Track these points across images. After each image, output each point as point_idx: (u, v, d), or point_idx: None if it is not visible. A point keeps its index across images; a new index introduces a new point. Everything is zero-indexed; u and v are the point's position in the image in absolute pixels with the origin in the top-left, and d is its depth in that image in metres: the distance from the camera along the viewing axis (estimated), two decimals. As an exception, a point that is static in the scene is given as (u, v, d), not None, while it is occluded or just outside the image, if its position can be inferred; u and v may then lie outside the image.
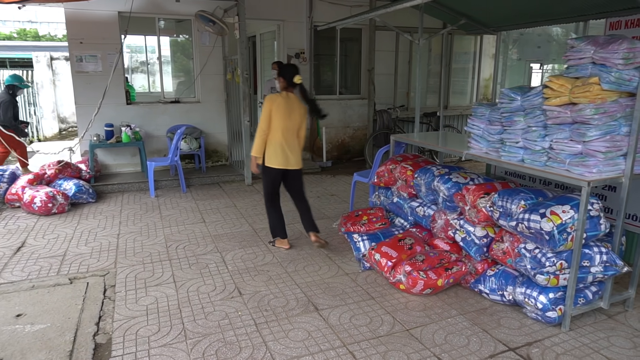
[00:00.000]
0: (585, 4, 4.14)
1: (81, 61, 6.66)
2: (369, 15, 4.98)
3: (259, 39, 8.75)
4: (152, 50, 7.64)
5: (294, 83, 4.12)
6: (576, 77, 2.90)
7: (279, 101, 4.06)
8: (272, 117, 4.04)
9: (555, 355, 2.75)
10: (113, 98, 6.69)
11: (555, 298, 2.99)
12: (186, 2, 6.80)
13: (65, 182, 5.86)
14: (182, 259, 4.15)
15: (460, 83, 9.70)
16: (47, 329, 3.01)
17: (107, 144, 6.58)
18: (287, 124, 4.09)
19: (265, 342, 2.86)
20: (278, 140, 4.07)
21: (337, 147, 8.58)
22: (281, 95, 4.11)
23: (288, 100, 4.10)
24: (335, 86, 8.55)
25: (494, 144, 3.46)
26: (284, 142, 4.09)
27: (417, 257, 3.54)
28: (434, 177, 3.89)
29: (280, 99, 4.07)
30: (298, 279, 3.73)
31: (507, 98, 3.29)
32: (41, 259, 4.13)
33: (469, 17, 5.12)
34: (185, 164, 7.57)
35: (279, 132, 4.06)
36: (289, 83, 4.12)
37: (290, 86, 4.14)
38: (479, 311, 3.25)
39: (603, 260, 2.96)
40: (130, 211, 5.57)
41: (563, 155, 2.95)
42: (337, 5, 7.81)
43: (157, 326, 3.05)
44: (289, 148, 4.12)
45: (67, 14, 6.48)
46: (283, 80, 4.13)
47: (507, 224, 3.15)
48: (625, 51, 2.67)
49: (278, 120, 4.05)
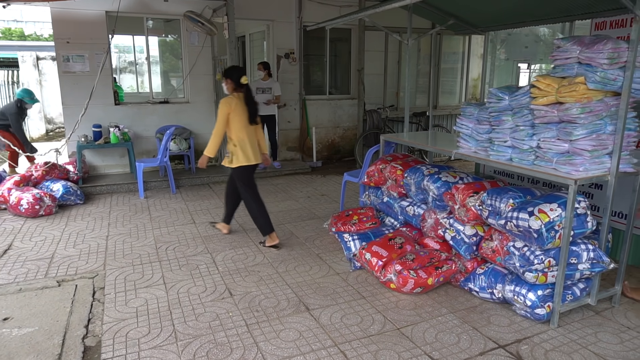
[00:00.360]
0: (570, 5, 4.20)
1: (68, 61, 6.58)
2: (358, 16, 4.99)
3: (249, 39, 8.73)
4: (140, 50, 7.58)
5: (241, 84, 4.22)
6: (563, 76, 2.94)
7: (235, 102, 4.17)
8: (232, 119, 4.17)
9: (544, 351, 2.78)
10: (101, 98, 6.63)
11: (544, 295, 3.02)
12: (174, 2, 6.76)
13: (52, 183, 5.78)
14: (172, 260, 4.13)
15: (449, 83, 9.76)
16: (35, 332, 2.98)
17: (95, 145, 6.51)
18: (246, 124, 4.23)
19: (256, 343, 2.86)
20: (244, 139, 4.23)
21: (327, 147, 8.59)
22: (234, 97, 4.21)
23: (240, 100, 4.22)
24: (325, 86, 8.57)
25: (483, 143, 3.49)
26: (248, 139, 4.25)
27: (408, 256, 3.56)
28: (423, 176, 3.92)
29: (236, 100, 4.19)
30: (289, 279, 3.73)
31: (495, 98, 3.33)
32: (28, 262, 4.07)
33: (457, 17, 5.16)
34: (175, 165, 7.53)
35: (243, 132, 4.21)
36: (236, 84, 4.22)
37: (238, 87, 4.23)
38: (469, 309, 3.28)
39: (590, 258, 3.01)
40: (119, 213, 5.52)
41: (550, 154, 2.98)
42: (326, 6, 7.81)
43: (147, 328, 3.02)
44: (252, 144, 4.29)
45: (53, 14, 6.40)
46: (230, 82, 4.22)
47: (496, 223, 3.18)
48: (610, 51, 2.71)
49: (238, 122, 4.19)
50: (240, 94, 4.23)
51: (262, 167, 7.41)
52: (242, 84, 4.21)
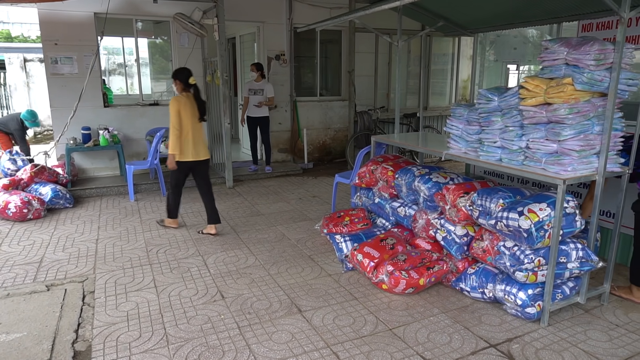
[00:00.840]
0: (557, 7, 4.25)
1: (56, 63, 6.52)
2: (348, 17, 5.01)
3: (239, 41, 8.71)
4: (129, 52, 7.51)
5: (189, 84, 4.52)
6: (551, 77, 2.98)
7: (184, 101, 4.47)
8: (182, 116, 4.45)
9: (535, 350, 2.81)
10: (90, 101, 6.57)
11: (534, 294, 3.05)
12: (164, 4, 6.72)
13: (41, 186, 5.72)
14: (163, 263, 4.10)
15: (440, 84, 9.83)
16: (24, 337, 2.94)
17: (85, 148, 6.46)
18: (194, 121, 4.55)
19: (248, 345, 2.85)
20: (189, 136, 4.51)
21: (319, 148, 8.60)
22: (183, 96, 4.50)
23: (189, 99, 4.52)
24: (316, 88, 8.57)
25: (473, 144, 3.52)
26: (194, 137, 4.54)
27: (399, 257, 3.57)
28: (414, 177, 3.94)
29: (184, 99, 4.49)
30: (281, 281, 3.73)
31: (485, 99, 3.35)
32: (16, 266, 4.02)
33: (446, 19, 5.20)
34: (165, 167, 7.44)
35: (189, 129, 4.51)
36: (185, 84, 4.52)
37: (187, 87, 4.53)
38: (460, 309, 3.30)
39: (579, 256, 3.04)
40: (109, 216, 5.47)
41: (539, 154, 3.01)
42: (316, 7, 7.82)
43: (139, 332, 3.00)
44: (199, 142, 4.60)
45: (40, 15, 6.33)
46: (179, 83, 4.52)
47: (487, 223, 3.21)
48: (596, 52, 2.74)
49: (186, 119, 4.48)
50: (189, 93, 4.54)
51: (252, 169, 7.44)
52: (190, 84, 4.52)
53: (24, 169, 5.93)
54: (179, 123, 4.42)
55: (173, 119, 4.41)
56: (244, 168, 7.62)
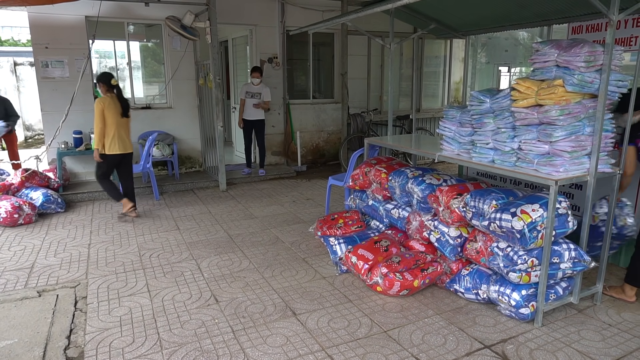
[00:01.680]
0: (548, 10, 4.29)
1: (47, 67, 6.47)
2: (341, 20, 5.02)
3: (232, 44, 8.70)
4: (121, 56, 7.47)
5: (112, 85, 5.07)
6: (542, 79, 3.00)
7: (108, 102, 5.03)
8: (106, 115, 5.01)
9: (529, 350, 2.82)
10: (81, 104, 6.51)
11: (528, 295, 3.06)
12: (156, 7, 6.70)
13: (32, 191, 5.66)
14: (156, 267, 4.07)
15: (432, 86, 9.87)
16: (15, 344, 2.90)
17: (76, 152, 6.40)
18: (118, 118, 5.10)
19: (243, 349, 2.83)
20: (115, 132, 5.08)
21: (312, 151, 8.60)
22: (107, 97, 5.06)
23: (113, 99, 5.09)
24: (309, 90, 8.58)
25: (465, 145, 3.53)
26: (119, 133, 5.12)
27: (393, 259, 3.58)
28: (407, 179, 3.94)
29: (108, 99, 5.05)
30: (275, 284, 3.71)
31: (477, 100, 3.37)
32: (7, 272, 3.97)
33: (438, 21, 5.22)
34: (158, 171, 7.44)
35: (114, 126, 5.07)
36: (108, 86, 5.07)
37: (111, 88, 5.08)
38: (454, 310, 3.31)
39: (572, 257, 3.06)
40: (101, 220, 5.42)
41: (531, 156, 3.03)
42: (309, 10, 7.84)
43: (132, 337, 2.97)
44: (124, 137, 5.20)
45: (30, 18, 6.29)
46: (104, 85, 5.07)
47: (480, 224, 3.22)
48: (586, 54, 2.77)
49: (111, 117, 5.04)
50: (112, 94, 5.10)
51: (246, 172, 7.42)
52: (113, 86, 5.08)
53: (14, 173, 5.87)
54: (102, 121, 5.00)
55: (97, 117, 4.98)
56: (237, 171, 7.61)
